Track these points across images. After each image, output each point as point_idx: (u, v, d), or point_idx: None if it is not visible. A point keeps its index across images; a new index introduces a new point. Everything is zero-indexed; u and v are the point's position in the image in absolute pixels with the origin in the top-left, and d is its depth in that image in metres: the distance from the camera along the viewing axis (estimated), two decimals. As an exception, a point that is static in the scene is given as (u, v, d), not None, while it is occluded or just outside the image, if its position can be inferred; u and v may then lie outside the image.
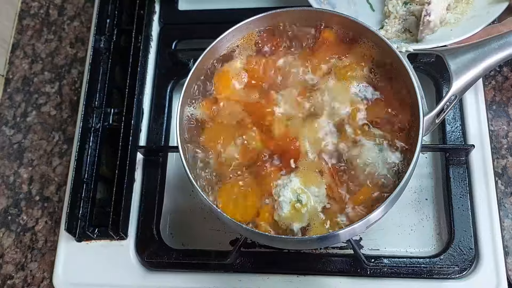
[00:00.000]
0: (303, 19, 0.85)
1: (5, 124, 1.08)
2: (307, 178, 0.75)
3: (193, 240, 0.93)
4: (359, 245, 0.89)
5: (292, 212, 0.73)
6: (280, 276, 0.87)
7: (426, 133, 0.78)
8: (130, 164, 0.94)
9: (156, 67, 1.04)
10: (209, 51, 0.82)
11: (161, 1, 1.09)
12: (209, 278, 0.88)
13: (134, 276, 0.90)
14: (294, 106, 0.81)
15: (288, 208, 0.73)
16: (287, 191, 0.74)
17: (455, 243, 0.84)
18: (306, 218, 0.73)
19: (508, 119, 0.95)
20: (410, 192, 0.91)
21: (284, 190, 0.74)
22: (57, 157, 1.04)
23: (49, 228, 0.98)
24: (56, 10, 1.17)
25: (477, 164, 0.89)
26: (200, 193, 0.74)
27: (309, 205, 0.73)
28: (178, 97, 0.81)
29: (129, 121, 0.96)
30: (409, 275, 0.84)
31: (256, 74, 0.84)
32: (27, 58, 1.13)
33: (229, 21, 0.83)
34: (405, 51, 0.85)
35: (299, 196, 0.73)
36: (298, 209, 0.73)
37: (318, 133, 0.78)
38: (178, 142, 0.77)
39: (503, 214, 0.88)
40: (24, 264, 0.96)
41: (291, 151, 0.77)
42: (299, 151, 0.77)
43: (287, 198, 0.73)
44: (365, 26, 0.80)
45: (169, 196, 0.96)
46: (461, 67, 0.78)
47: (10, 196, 1.02)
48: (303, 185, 0.74)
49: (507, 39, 0.79)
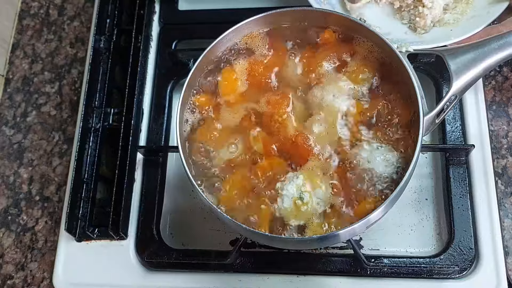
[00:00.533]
0: (303, 19, 0.85)
1: (5, 124, 1.08)
2: (313, 179, 0.75)
3: (193, 240, 0.93)
4: (359, 245, 0.89)
5: (292, 208, 0.73)
6: (280, 276, 0.87)
7: (426, 133, 0.78)
8: (130, 164, 0.93)
9: (156, 67, 1.04)
10: (209, 51, 0.82)
11: (161, 1, 1.09)
12: (209, 278, 0.88)
13: (134, 276, 0.90)
14: (299, 106, 0.81)
15: (289, 203, 0.73)
16: (292, 186, 0.74)
17: (455, 243, 0.84)
18: (304, 216, 0.74)
19: (508, 119, 0.95)
20: (410, 192, 0.91)
21: (288, 185, 0.74)
22: (57, 157, 1.04)
23: (49, 228, 0.98)
24: (56, 10, 1.17)
25: (477, 164, 0.89)
26: (200, 193, 0.74)
27: (310, 205, 0.73)
28: (178, 97, 0.81)
29: (129, 121, 0.96)
30: (409, 275, 0.84)
31: (257, 74, 0.84)
32: (27, 58, 1.13)
33: (229, 21, 0.83)
34: (405, 51, 0.85)
35: (302, 194, 0.73)
36: (299, 206, 0.73)
37: (324, 132, 0.79)
38: (178, 142, 0.77)
39: (503, 214, 0.88)
40: (24, 264, 0.96)
41: (300, 150, 0.77)
42: (308, 151, 0.77)
43: (290, 193, 0.73)
44: (365, 26, 0.80)
45: (169, 196, 0.96)
46: (461, 67, 0.78)
47: (10, 196, 1.02)
48: (309, 184, 0.74)
49: (507, 39, 0.79)
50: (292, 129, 0.79)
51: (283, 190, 0.74)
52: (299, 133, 0.78)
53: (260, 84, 0.83)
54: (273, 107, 0.80)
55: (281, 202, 0.74)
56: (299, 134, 0.78)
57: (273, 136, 0.79)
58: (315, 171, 0.76)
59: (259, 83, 0.84)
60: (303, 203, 0.73)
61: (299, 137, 0.78)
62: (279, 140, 0.79)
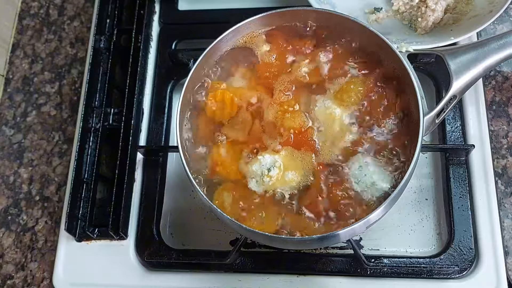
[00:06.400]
0: (303, 19, 0.85)
1: (5, 124, 1.08)
2: (291, 163, 0.78)
3: (193, 240, 0.93)
4: (359, 245, 0.89)
5: (257, 174, 0.77)
6: (280, 276, 0.87)
7: (426, 133, 0.79)
8: (130, 164, 0.94)
9: (156, 67, 1.04)
10: (209, 51, 0.82)
11: (161, 1, 1.09)
12: (209, 278, 0.88)
13: (134, 276, 0.90)
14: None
15: (257, 167, 0.77)
16: (268, 157, 0.77)
17: (455, 243, 0.84)
18: (263, 187, 0.77)
19: (508, 119, 0.95)
20: (410, 192, 0.91)
21: (265, 156, 0.77)
22: (57, 157, 1.04)
23: (49, 228, 0.98)
24: (56, 10, 1.17)
25: (477, 164, 0.89)
26: (200, 193, 0.74)
27: (273, 179, 0.76)
28: (178, 97, 0.81)
29: (129, 121, 0.96)
30: (409, 275, 0.84)
31: (258, 74, 0.84)
32: (27, 58, 1.13)
33: (229, 21, 0.84)
34: (405, 51, 0.85)
35: (272, 168, 0.77)
36: (263, 174, 0.77)
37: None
38: (178, 142, 0.77)
39: (503, 214, 0.88)
40: (24, 264, 0.96)
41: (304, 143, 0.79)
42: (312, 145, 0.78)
43: (265, 160, 0.77)
44: (365, 26, 0.80)
45: (169, 196, 0.96)
46: (461, 67, 0.78)
47: (10, 196, 1.02)
48: (284, 166, 0.77)
49: (507, 39, 0.79)
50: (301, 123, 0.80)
51: (259, 156, 0.78)
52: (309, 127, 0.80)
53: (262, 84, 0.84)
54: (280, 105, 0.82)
55: (252, 164, 0.78)
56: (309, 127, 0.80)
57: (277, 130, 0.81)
58: (296, 160, 0.78)
59: (260, 83, 0.84)
60: (267, 175, 0.76)
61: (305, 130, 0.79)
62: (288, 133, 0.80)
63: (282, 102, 0.81)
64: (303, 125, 0.79)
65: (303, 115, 0.80)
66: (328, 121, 0.79)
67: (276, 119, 0.81)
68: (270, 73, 0.84)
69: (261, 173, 0.77)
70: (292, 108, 0.81)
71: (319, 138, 0.79)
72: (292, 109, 0.81)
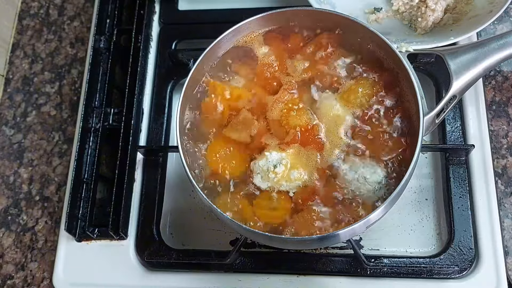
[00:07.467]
0: (304, 19, 0.85)
1: (5, 124, 1.08)
2: (297, 162, 0.78)
3: (193, 240, 0.93)
4: (359, 245, 0.89)
5: (263, 169, 0.77)
6: (280, 276, 0.87)
7: (426, 133, 0.79)
8: (130, 164, 0.94)
9: (156, 67, 1.04)
10: (209, 51, 0.82)
11: (161, 1, 1.09)
12: (209, 278, 0.88)
13: (134, 276, 0.90)
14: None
15: (264, 162, 0.77)
16: (275, 154, 0.78)
17: (455, 243, 0.84)
18: (267, 184, 0.77)
19: (508, 119, 0.95)
20: (410, 192, 0.91)
21: (272, 153, 0.78)
22: (57, 157, 1.04)
23: (49, 228, 0.98)
24: (56, 10, 1.17)
25: (477, 164, 0.89)
26: (200, 193, 0.74)
27: (279, 176, 0.76)
28: (178, 97, 0.81)
29: (129, 121, 0.96)
30: (409, 275, 0.84)
31: (258, 73, 0.84)
32: (27, 58, 1.13)
33: (229, 21, 0.84)
34: (405, 51, 0.85)
35: (279, 164, 0.77)
36: (270, 170, 0.77)
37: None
38: (178, 142, 0.77)
39: (503, 214, 0.88)
40: (24, 264, 0.96)
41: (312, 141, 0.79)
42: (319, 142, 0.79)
43: (272, 156, 0.77)
44: (365, 26, 0.80)
45: (169, 196, 0.96)
46: (461, 67, 0.78)
47: (10, 196, 1.02)
48: (291, 164, 0.77)
49: (507, 39, 0.79)
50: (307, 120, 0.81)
51: (266, 152, 0.78)
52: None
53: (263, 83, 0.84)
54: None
55: (259, 160, 0.78)
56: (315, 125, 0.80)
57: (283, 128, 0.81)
58: (303, 159, 0.78)
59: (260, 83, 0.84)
60: (273, 171, 0.77)
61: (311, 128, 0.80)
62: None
63: (286, 100, 0.81)
64: (309, 122, 0.80)
65: (308, 113, 0.80)
66: (332, 120, 0.79)
67: (281, 118, 0.80)
68: (270, 73, 0.84)
69: (267, 169, 0.77)
70: (297, 106, 0.81)
71: (324, 136, 0.79)
72: (297, 107, 0.81)
